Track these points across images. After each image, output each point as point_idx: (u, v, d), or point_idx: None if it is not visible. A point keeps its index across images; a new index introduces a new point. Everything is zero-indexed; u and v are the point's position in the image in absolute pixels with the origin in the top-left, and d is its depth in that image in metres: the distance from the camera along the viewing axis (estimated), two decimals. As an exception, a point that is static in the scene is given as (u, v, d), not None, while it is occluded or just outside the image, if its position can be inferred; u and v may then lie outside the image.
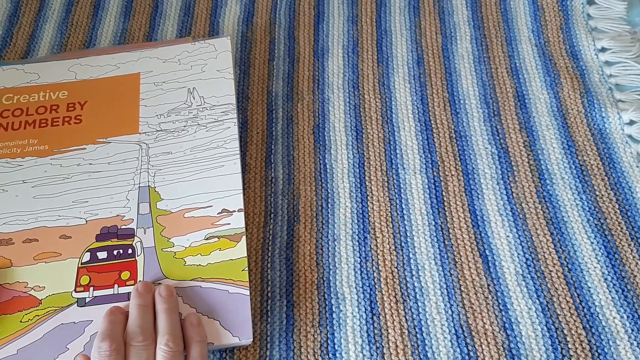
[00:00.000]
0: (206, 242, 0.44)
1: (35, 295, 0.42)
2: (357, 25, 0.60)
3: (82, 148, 0.49)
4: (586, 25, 0.59)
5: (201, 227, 0.44)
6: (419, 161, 0.51)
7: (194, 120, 0.50)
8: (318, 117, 0.54)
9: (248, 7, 0.62)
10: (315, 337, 0.43)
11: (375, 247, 0.47)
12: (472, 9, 0.61)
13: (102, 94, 0.52)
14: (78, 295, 0.42)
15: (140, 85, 0.52)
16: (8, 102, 0.51)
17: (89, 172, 0.47)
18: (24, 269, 0.43)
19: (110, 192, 0.46)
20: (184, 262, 0.43)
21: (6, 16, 0.61)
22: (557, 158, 0.50)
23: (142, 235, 0.44)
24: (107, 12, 0.62)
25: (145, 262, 0.43)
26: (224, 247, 0.44)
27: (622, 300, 0.43)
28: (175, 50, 0.54)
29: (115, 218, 0.45)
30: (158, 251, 0.44)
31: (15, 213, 0.45)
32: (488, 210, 0.48)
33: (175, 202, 0.46)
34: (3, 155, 0.48)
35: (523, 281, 0.44)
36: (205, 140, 0.49)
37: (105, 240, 0.44)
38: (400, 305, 0.44)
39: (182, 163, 0.48)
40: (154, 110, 0.50)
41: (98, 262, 0.43)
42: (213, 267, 0.43)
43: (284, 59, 0.58)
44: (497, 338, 0.42)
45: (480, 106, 0.54)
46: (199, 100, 0.51)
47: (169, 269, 0.43)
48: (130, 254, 0.43)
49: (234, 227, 0.44)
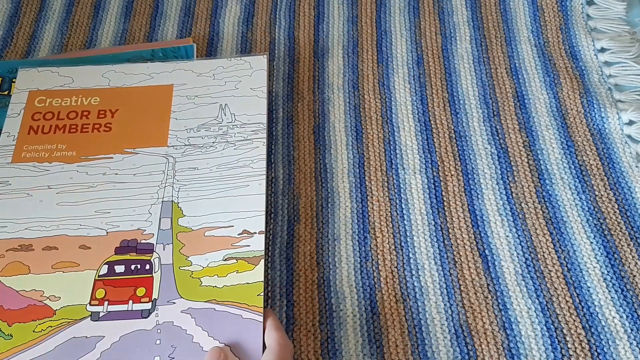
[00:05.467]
0: (224, 263, 0.43)
1: (51, 305, 0.41)
2: (357, 26, 0.60)
3: (109, 157, 0.48)
4: (586, 25, 0.59)
5: (221, 247, 0.43)
6: (418, 161, 0.51)
7: (223, 137, 0.49)
8: (318, 117, 0.54)
9: (248, 7, 0.62)
10: (315, 337, 0.43)
11: (375, 247, 0.47)
12: (471, 10, 0.61)
13: (134, 103, 0.51)
14: (92, 309, 0.41)
15: (172, 98, 0.51)
16: (40, 105, 0.51)
17: (114, 182, 0.47)
18: (41, 277, 0.42)
19: (133, 205, 0.45)
20: (200, 282, 0.42)
21: (7, 16, 0.62)
22: (556, 158, 0.51)
23: (161, 251, 0.43)
24: (107, 13, 0.62)
25: (162, 280, 0.42)
26: (242, 269, 0.42)
27: (621, 300, 0.43)
28: (210, 65, 0.53)
29: (136, 232, 0.44)
30: (175, 269, 0.43)
31: (37, 219, 0.45)
32: (488, 210, 0.48)
33: (197, 219, 0.45)
34: (31, 159, 0.48)
35: (523, 281, 0.45)
36: (232, 159, 0.48)
37: (124, 253, 0.43)
38: (400, 305, 0.44)
39: (208, 180, 0.47)
40: (184, 124, 0.50)
41: (115, 276, 0.42)
42: (229, 289, 0.42)
43: (284, 59, 0.58)
44: (497, 338, 0.42)
45: (479, 106, 0.54)
46: (229, 117, 0.50)
47: (184, 288, 0.42)
48: (147, 269, 0.43)
49: (253, 249, 0.43)
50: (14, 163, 0.48)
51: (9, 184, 0.46)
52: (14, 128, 0.49)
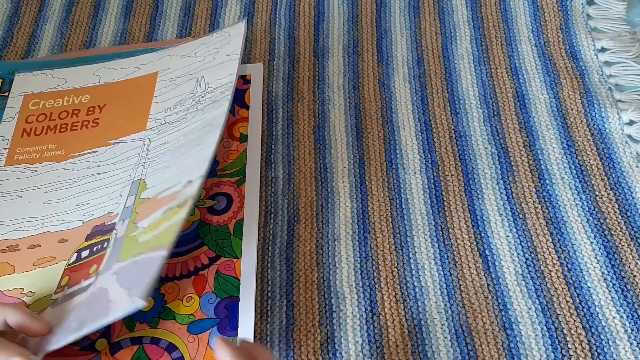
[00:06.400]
0: (162, 216, 0.40)
1: (27, 301, 0.41)
2: (357, 25, 0.60)
3: (94, 151, 0.48)
4: (586, 25, 0.59)
5: (165, 204, 0.40)
6: (419, 161, 0.51)
7: (194, 107, 0.47)
8: (318, 117, 0.54)
9: (248, 7, 0.62)
10: (315, 337, 0.43)
11: (375, 247, 0.47)
12: (472, 9, 0.61)
13: (120, 96, 0.51)
14: (55, 297, 0.41)
15: (156, 84, 0.51)
16: (34, 108, 0.51)
17: (96, 175, 0.46)
18: (23, 275, 0.42)
19: (108, 192, 0.45)
20: (137, 241, 0.39)
21: (6, 16, 0.62)
22: (556, 158, 0.51)
23: (119, 227, 0.42)
24: (107, 13, 0.62)
25: (111, 252, 0.41)
26: (172, 216, 0.39)
27: (621, 300, 0.43)
28: (193, 45, 0.52)
29: (106, 216, 0.44)
30: (125, 239, 0.41)
31: (25, 219, 0.45)
32: (488, 210, 0.48)
33: (155, 188, 0.43)
34: (23, 161, 0.48)
35: (523, 281, 0.45)
36: (198, 124, 0.45)
37: (91, 239, 0.43)
38: (400, 305, 0.44)
39: (173, 150, 0.45)
40: (163, 106, 0.49)
41: (80, 261, 0.42)
42: (154, 238, 0.38)
43: (284, 59, 0.58)
44: (497, 338, 0.42)
45: (480, 106, 0.54)
46: (204, 87, 0.48)
47: (124, 252, 0.39)
48: (105, 247, 0.42)
49: (187, 194, 0.39)
50: (7, 166, 0.47)
51: (1, 187, 0.46)
52: (8, 132, 0.49)
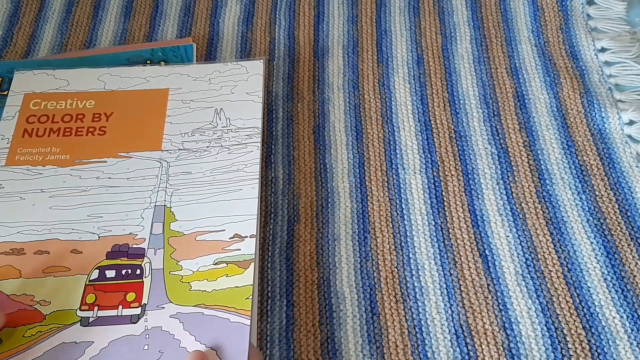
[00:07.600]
0: (214, 267, 0.42)
1: (41, 310, 0.41)
2: (357, 25, 0.60)
3: (103, 161, 0.48)
4: (586, 25, 0.59)
5: (211, 251, 0.43)
6: (418, 161, 0.51)
7: (218, 142, 0.48)
8: (318, 117, 0.54)
9: (248, 7, 0.62)
10: (315, 337, 0.43)
11: (375, 247, 0.47)
12: (472, 9, 0.61)
13: (129, 106, 0.51)
14: (82, 314, 0.41)
15: (168, 102, 0.51)
16: (35, 108, 0.50)
17: (107, 187, 0.46)
18: (32, 281, 0.42)
19: (126, 209, 0.45)
20: (190, 286, 0.42)
21: (6, 16, 0.62)
22: (556, 158, 0.51)
23: (152, 256, 0.43)
24: (107, 13, 0.62)
25: (152, 285, 0.42)
26: (232, 273, 0.42)
27: (621, 300, 0.43)
28: (206, 69, 0.53)
29: (128, 236, 0.44)
30: (165, 274, 0.42)
31: (30, 222, 0.44)
32: (488, 210, 0.48)
33: (189, 223, 0.44)
34: (24, 162, 0.47)
35: (523, 281, 0.45)
36: (226, 163, 0.47)
37: (115, 258, 0.43)
38: (400, 305, 0.44)
39: (200, 184, 0.46)
40: (179, 129, 0.49)
41: (106, 281, 0.42)
42: (218, 293, 0.41)
43: (284, 59, 0.58)
44: (497, 338, 0.42)
45: (480, 106, 0.54)
46: (224, 121, 0.50)
47: (174, 293, 0.42)
48: (138, 274, 0.42)
49: (243, 252, 0.43)
50: (8, 166, 0.47)
51: (2, 187, 0.46)
52: (8, 131, 0.49)
